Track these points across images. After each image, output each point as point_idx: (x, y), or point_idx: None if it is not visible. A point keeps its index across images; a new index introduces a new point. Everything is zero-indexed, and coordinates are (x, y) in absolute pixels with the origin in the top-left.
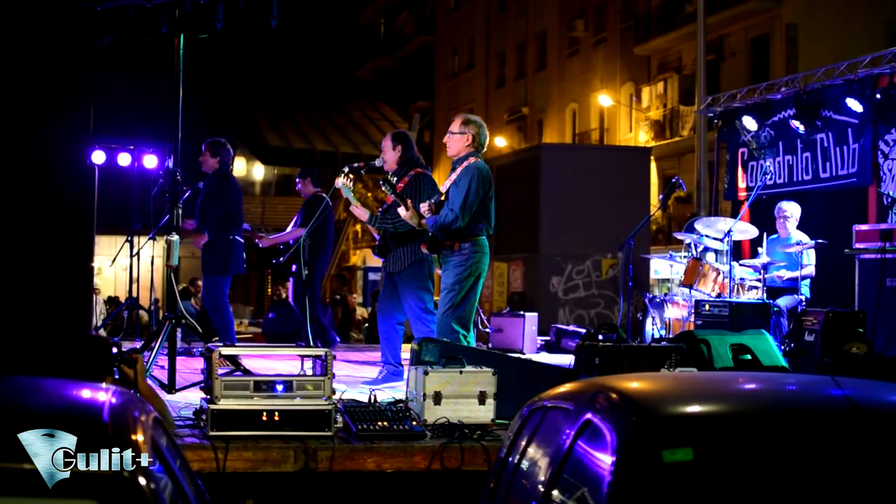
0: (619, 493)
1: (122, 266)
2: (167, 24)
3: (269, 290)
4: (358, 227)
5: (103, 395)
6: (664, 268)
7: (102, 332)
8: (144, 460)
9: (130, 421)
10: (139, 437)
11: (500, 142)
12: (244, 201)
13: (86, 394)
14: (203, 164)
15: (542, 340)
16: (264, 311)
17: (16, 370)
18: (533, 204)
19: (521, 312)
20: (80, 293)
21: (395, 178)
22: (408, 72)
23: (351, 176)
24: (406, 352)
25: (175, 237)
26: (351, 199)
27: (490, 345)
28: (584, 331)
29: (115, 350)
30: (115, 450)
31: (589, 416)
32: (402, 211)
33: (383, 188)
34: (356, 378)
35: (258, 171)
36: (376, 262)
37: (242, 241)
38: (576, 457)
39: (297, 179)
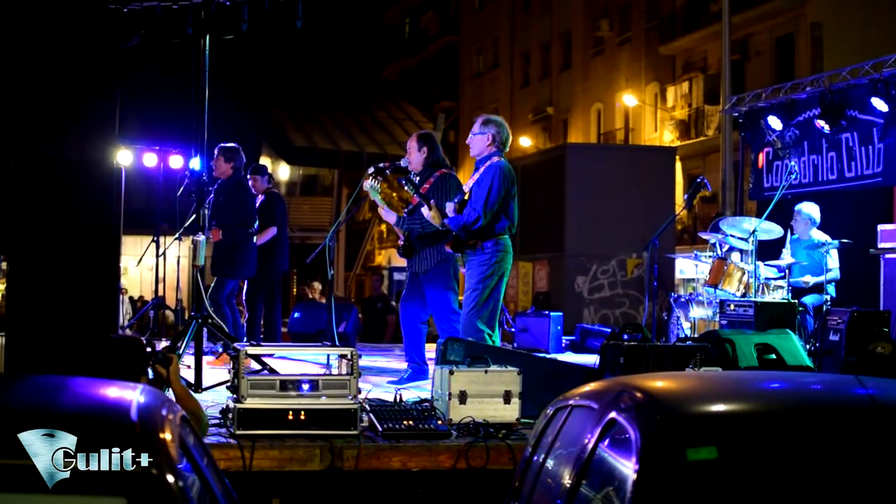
0: (644, 491)
1: (148, 266)
2: (193, 26)
3: (295, 290)
4: (383, 227)
5: (131, 393)
6: (689, 268)
7: (129, 332)
8: (172, 459)
9: (158, 420)
10: (167, 436)
11: (525, 142)
12: None
13: (114, 393)
14: (216, 168)
15: (567, 340)
16: (289, 311)
17: (50, 370)
18: (558, 204)
19: (546, 312)
20: (107, 293)
21: (420, 179)
22: (432, 72)
23: (378, 178)
24: (431, 351)
25: (201, 237)
26: (378, 202)
27: (515, 344)
28: (608, 330)
29: (148, 350)
30: (144, 448)
31: (613, 415)
32: (425, 211)
33: (406, 188)
34: (381, 378)
35: (283, 172)
36: (401, 262)
37: (255, 245)
38: (600, 455)
39: (249, 176)
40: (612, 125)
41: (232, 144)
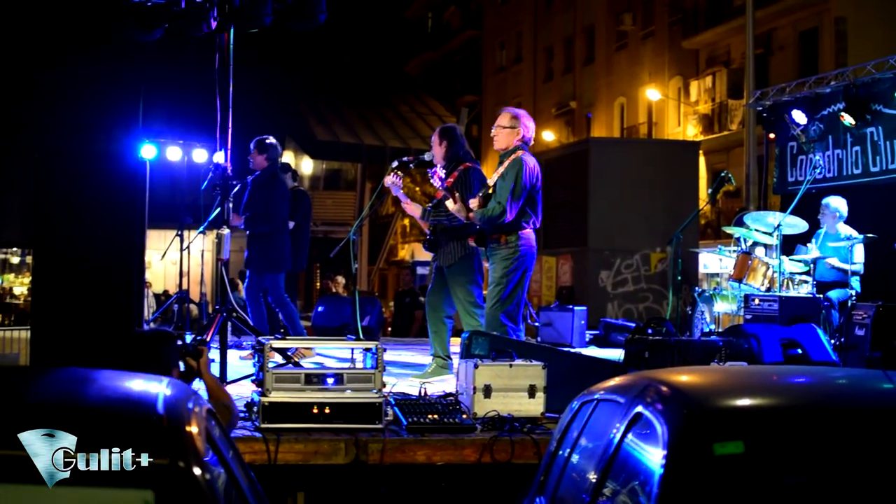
0: (670, 485)
1: (172, 260)
2: (217, 19)
3: (318, 284)
4: (406, 221)
5: (157, 386)
6: (712, 262)
7: (153, 326)
8: (199, 451)
9: (185, 413)
10: (193, 429)
11: (548, 136)
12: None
13: (140, 386)
14: (252, 161)
15: (590, 334)
16: (313, 305)
17: (75, 363)
18: (581, 198)
19: (570, 306)
20: (132, 287)
21: (445, 173)
22: (455, 66)
23: (400, 172)
24: (455, 345)
25: (226, 231)
26: (401, 197)
27: (539, 339)
28: (632, 325)
29: (179, 342)
30: (170, 441)
31: (640, 408)
32: (449, 204)
33: (432, 181)
34: (406, 372)
35: (306, 166)
36: (425, 256)
37: (288, 238)
38: (626, 450)
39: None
40: (635, 119)
41: (268, 138)
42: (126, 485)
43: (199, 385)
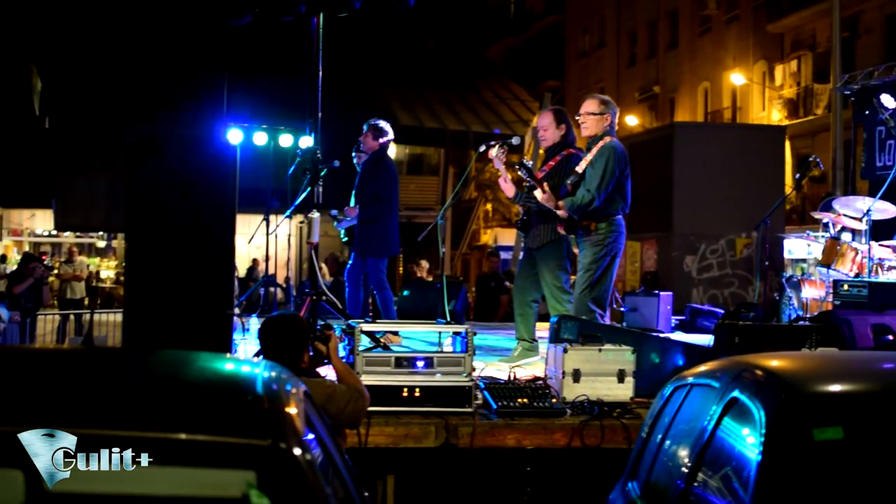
0: (769, 471)
1: (256, 244)
2: (306, 4)
3: (401, 269)
4: (489, 206)
5: (255, 368)
6: (798, 248)
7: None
8: (299, 432)
9: (283, 394)
10: (293, 410)
11: (632, 121)
12: None
13: (238, 367)
14: (363, 143)
15: (676, 320)
16: (396, 290)
17: (167, 346)
18: (666, 183)
19: (656, 291)
20: (223, 270)
21: (546, 156)
22: (537, 51)
23: (504, 147)
24: (541, 330)
25: (315, 214)
26: (502, 172)
27: (624, 324)
28: (718, 310)
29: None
30: (271, 422)
31: (736, 393)
32: (538, 194)
33: (519, 172)
34: (492, 356)
35: (390, 151)
36: (508, 240)
37: (395, 222)
38: (721, 435)
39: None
40: (719, 104)
41: (383, 122)
42: (228, 465)
43: (329, 370)
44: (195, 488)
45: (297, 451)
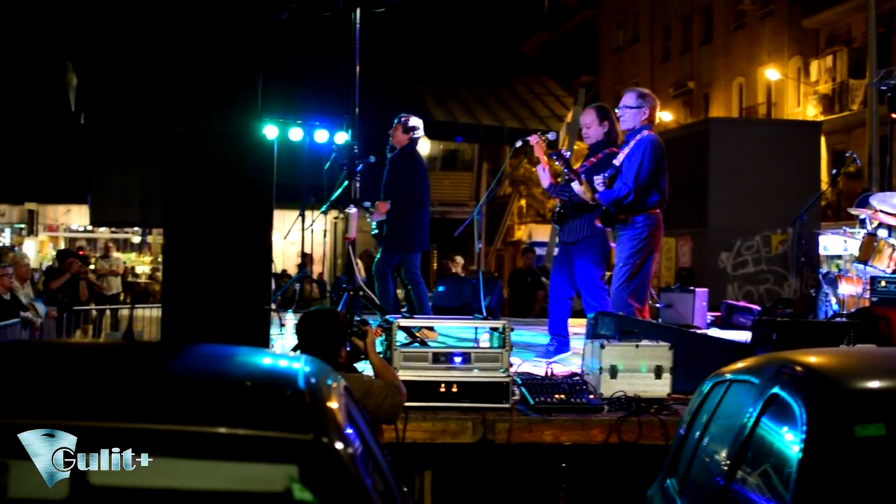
0: (811, 467)
1: (291, 240)
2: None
3: (435, 264)
4: (523, 202)
5: (296, 363)
6: (833, 244)
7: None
8: (340, 426)
9: (324, 388)
10: (334, 404)
11: (666, 116)
12: None
13: (279, 362)
14: (392, 137)
15: (711, 316)
16: (431, 285)
17: (212, 341)
18: (701, 178)
19: (692, 287)
20: (261, 265)
21: (589, 153)
22: (571, 46)
23: (545, 138)
24: (574, 326)
25: (353, 210)
26: (542, 160)
27: (660, 320)
28: (754, 307)
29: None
30: (313, 416)
31: (776, 390)
32: (575, 185)
33: (556, 162)
34: (527, 352)
35: (423, 146)
36: (542, 236)
37: (426, 217)
38: (761, 432)
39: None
40: (753, 100)
41: (413, 117)
42: (270, 460)
43: (366, 366)
44: (238, 483)
45: (339, 445)
